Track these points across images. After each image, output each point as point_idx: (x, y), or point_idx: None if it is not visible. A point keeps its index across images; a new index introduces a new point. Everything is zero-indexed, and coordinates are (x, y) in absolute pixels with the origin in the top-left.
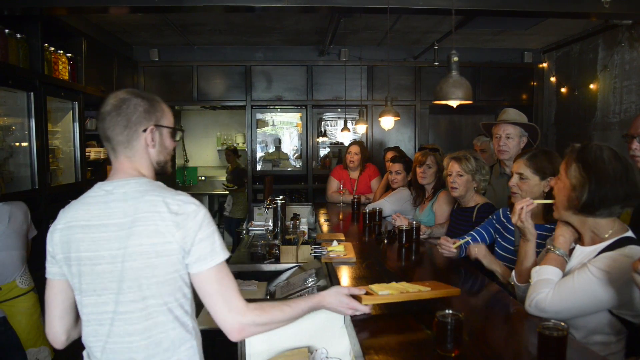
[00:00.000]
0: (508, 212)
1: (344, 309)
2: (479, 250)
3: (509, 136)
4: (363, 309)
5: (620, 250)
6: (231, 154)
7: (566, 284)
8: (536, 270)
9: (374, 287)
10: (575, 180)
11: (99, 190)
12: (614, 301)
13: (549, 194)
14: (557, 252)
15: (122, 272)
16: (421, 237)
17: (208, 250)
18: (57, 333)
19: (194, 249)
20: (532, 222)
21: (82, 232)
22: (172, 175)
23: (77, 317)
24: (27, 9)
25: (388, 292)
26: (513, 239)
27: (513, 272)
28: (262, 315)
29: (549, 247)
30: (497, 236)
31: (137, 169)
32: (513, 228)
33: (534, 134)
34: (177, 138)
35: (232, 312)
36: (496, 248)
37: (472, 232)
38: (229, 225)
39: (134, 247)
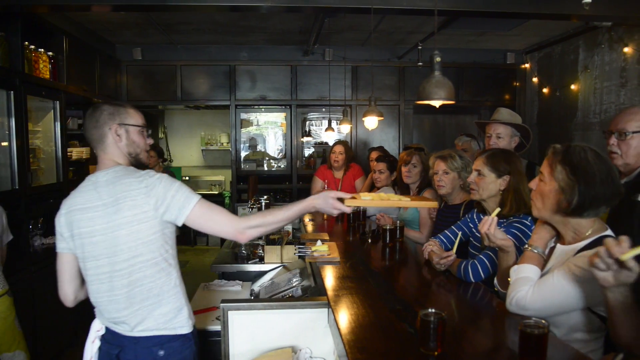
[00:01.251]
0: (481, 216)
1: (329, 209)
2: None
3: (500, 136)
4: (346, 209)
5: (599, 248)
6: (155, 154)
7: (546, 282)
8: (514, 269)
9: (361, 194)
10: (564, 183)
11: (88, 181)
12: (593, 299)
13: (505, 192)
14: (535, 250)
15: (115, 240)
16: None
17: (183, 198)
18: (67, 294)
19: (172, 204)
20: (502, 235)
21: (80, 214)
22: None
23: (82, 282)
24: (6, 6)
25: (370, 197)
26: (479, 235)
27: (495, 279)
28: (255, 219)
29: (526, 245)
30: (470, 236)
31: (112, 159)
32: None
33: (526, 134)
34: (147, 134)
35: (228, 226)
36: (469, 247)
37: (453, 228)
38: None
39: (120, 220)
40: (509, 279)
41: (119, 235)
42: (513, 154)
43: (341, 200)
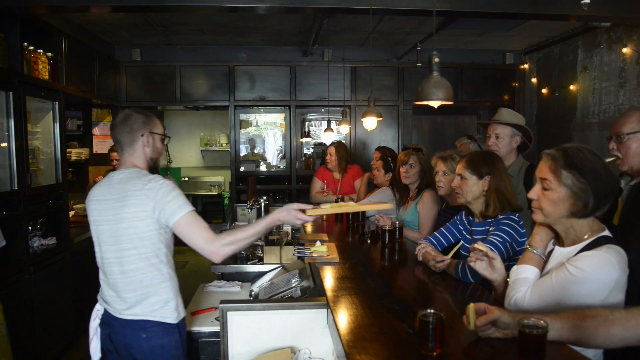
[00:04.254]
0: (470, 218)
1: (293, 219)
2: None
3: (499, 136)
4: (308, 219)
5: (598, 249)
6: None
7: (545, 282)
8: (514, 269)
9: (321, 204)
10: (577, 188)
11: (107, 178)
12: (591, 300)
13: (487, 193)
14: (534, 251)
15: (117, 231)
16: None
17: (176, 206)
18: None
19: (166, 208)
20: (492, 271)
21: (95, 204)
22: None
23: None
24: (5, 7)
25: (329, 206)
26: (469, 237)
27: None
28: (227, 237)
29: (526, 246)
30: (461, 238)
31: (133, 162)
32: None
33: (527, 135)
34: (165, 142)
35: (204, 243)
36: (460, 249)
37: (442, 230)
38: None
39: (123, 214)
40: (507, 279)
41: (120, 227)
42: (493, 155)
43: (303, 211)
